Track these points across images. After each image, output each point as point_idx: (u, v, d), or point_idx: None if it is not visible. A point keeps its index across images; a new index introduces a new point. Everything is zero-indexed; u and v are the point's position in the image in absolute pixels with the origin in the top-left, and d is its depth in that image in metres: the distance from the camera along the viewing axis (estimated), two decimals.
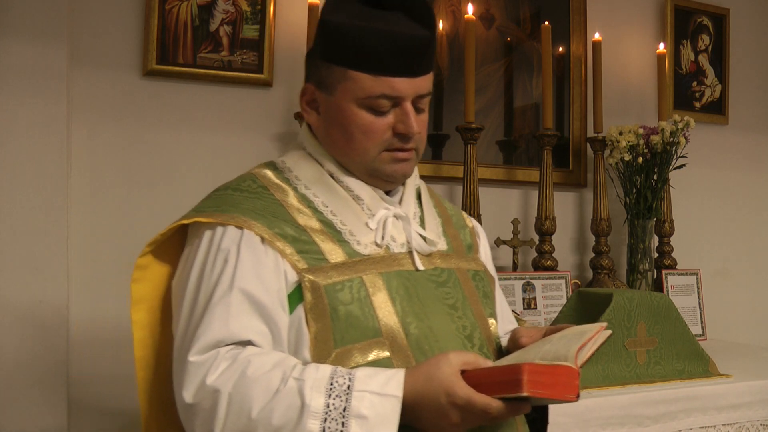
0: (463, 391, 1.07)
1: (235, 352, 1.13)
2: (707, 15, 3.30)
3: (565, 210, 2.97)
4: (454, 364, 1.09)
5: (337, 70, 1.25)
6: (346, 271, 1.22)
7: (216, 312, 1.15)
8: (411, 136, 1.27)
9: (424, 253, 1.32)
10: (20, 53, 2.02)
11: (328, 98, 1.28)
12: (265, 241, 1.20)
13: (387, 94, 1.23)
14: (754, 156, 3.45)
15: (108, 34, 2.25)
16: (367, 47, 1.21)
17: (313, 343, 1.17)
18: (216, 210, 1.24)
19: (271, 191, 1.28)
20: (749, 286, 3.38)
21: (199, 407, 1.11)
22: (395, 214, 1.31)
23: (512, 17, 2.88)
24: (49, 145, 2.05)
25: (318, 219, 1.26)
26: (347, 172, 1.31)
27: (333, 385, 1.08)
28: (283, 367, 1.10)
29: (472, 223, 1.53)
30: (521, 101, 2.90)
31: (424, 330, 1.23)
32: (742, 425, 2.11)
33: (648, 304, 2.14)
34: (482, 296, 1.38)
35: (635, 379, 2.07)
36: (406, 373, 1.10)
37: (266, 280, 1.18)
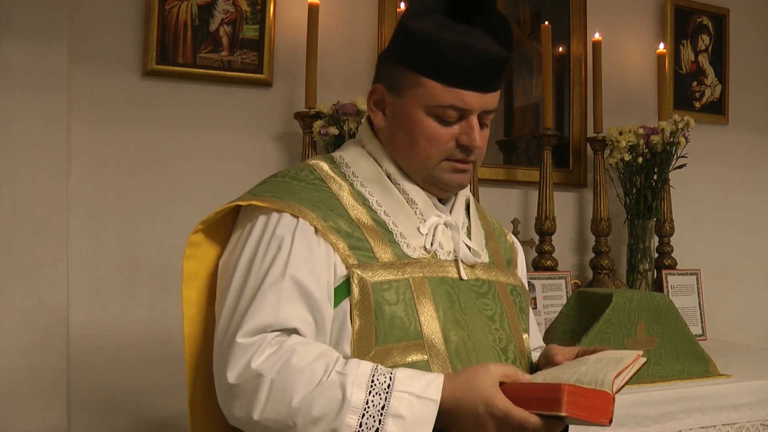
0: (503, 404, 1.08)
1: (281, 339, 1.15)
2: (707, 15, 3.30)
3: (565, 210, 2.97)
4: (494, 376, 1.11)
5: (410, 75, 1.27)
6: (394, 272, 1.23)
7: (267, 297, 1.17)
8: (473, 149, 1.28)
9: (468, 264, 1.34)
10: (20, 53, 2.02)
11: (396, 101, 1.30)
12: (318, 232, 1.22)
13: (456, 105, 1.25)
14: (754, 156, 3.45)
15: (108, 34, 2.25)
16: (445, 58, 1.23)
17: (355, 338, 1.19)
18: (273, 196, 1.25)
19: (327, 184, 1.30)
20: (749, 286, 3.39)
21: (241, 389, 1.12)
22: (446, 222, 1.33)
23: (512, 17, 2.88)
24: (49, 145, 2.05)
25: (371, 217, 1.28)
26: (405, 175, 1.33)
27: (374, 382, 1.09)
28: (327, 359, 1.12)
29: (511, 239, 1.55)
30: (521, 101, 2.90)
31: (463, 338, 1.24)
32: (742, 425, 2.11)
33: (648, 304, 2.14)
34: (518, 311, 1.40)
35: (635, 379, 2.07)
36: (445, 379, 1.12)
37: (317, 271, 1.19)
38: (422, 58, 1.25)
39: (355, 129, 2.29)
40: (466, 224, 1.40)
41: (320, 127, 2.32)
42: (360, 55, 2.62)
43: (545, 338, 2.26)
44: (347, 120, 2.29)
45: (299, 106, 2.44)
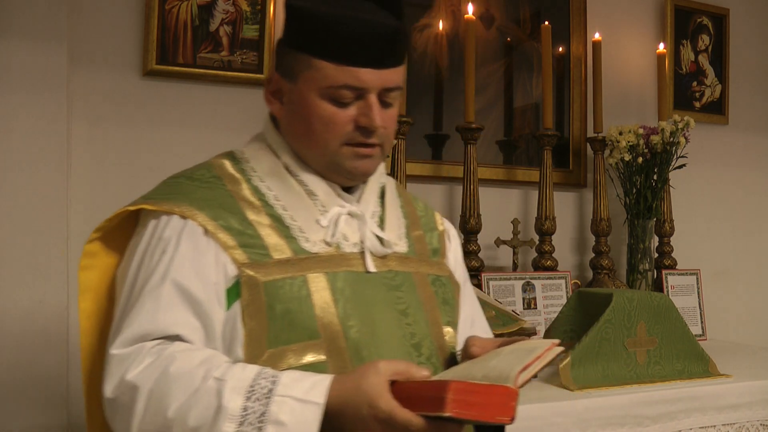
0: (387, 405, 1.01)
1: (161, 348, 1.09)
2: (707, 15, 3.30)
3: (565, 210, 2.97)
4: (382, 374, 1.04)
5: (301, 58, 1.20)
6: (289, 269, 1.17)
7: (145, 304, 1.11)
8: (373, 130, 1.20)
9: (378, 255, 1.26)
10: (20, 53, 2.02)
11: (292, 87, 1.23)
12: (208, 232, 1.16)
13: (350, 84, 1.18)
14: (754, 156, 3.45)
15: (108, 34, 2.25)
16: (332, 34, 1.16)
17: (246, 341, 1.13)
18: (163, 198, 1.21)
19: (224, 182, 1.24)
20: (749, 286, 3.38)
21: (118, 403, 1.08)
22: (350, 211, 1.25)
23: (512, 17, 2.88)
24: (49, 145, 2.05)
25: (268, 213, 1.21)
26: (305, 166, 1.26)
27: (254, 388, 1.03)
28: (208, 365, 1.06)
29: (443, 226, 1.46)
30: (521, 101, 2.90)
31: (366, 334, 1.17)
32: (742, 425, 2.11)
33: (648, 304, 2.14)
34: (441, 303, 1.32)
35: (635, 379, 2.07)
36: (333, 380, 1.05)
37: (203, 273, 1.14)
38: (310, 38, 1.18)
39: None
40: (378, 213, 1.32)
41: None
42: None
43: (545, 338, 2.26)
44: None
45: None
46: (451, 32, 2.75)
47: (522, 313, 2.50)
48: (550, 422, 1.83)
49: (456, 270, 1.43)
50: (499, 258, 2.79)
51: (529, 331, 2.13)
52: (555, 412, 1.84)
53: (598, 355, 2.05)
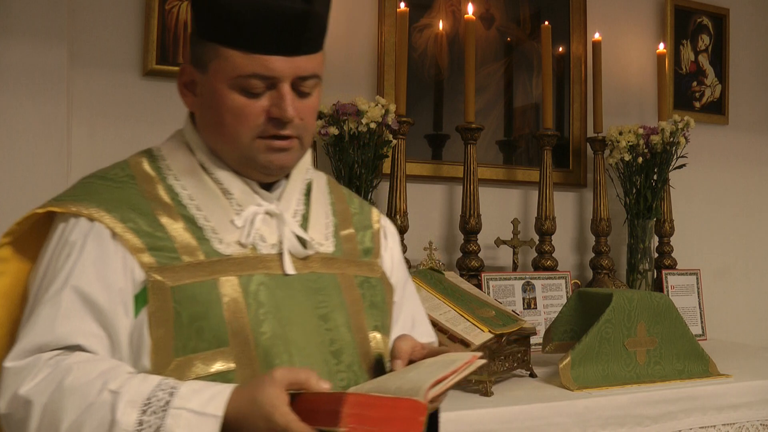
0: (284, 418, 0.96)
1: (59, 359, 1.03)
2: (707, 15, 3.30)
3: (565, 210, 2.97)
4: (278, 384, 0.98)
5: (209, 47, 1.14)
6: (199, 272, 1.10)
7: (43, 312, 1.05)
8: (286, 121, 1.13)
9: (299, 256, 1.19)
10: (20, 53, 2.02)
11: (202, 78, 1.16)
12: (116, 235, 1.10)
13: (259, 73, 1.11)
14: (754, 156, 3.45)
15: (108, 34, 2.25)
16: (237, 21, 1.10)
17: (153, 350, 1.06)
18: (73, 199, 1.14)
19: (137, 181, 1.17)
20: (749, 286, 3.39)
21: (12, 418, 1.02)
22: (267, 210, 1.18)
23: (512, 17, 2.88)
24: (49, 145, 2.05)
25: (181, 214, 1.15)
26: (220, 163, 1.19)
27: (151, 401, 0.98)
28: (106, 377, 1.00)
29: (380, 224, 1.37)
30: (521, 101, 2.90)
31: (278, 342, 1.11)
32: (742, 425, 2.11)
33: (648, 304, 2.14)
34: (368, 306, 1.24)
35: (635, 379, 2.07)
36: (233, 391, 1.00)
37: (108, 279, 1.08)
38: (216, 26, 1.12)
39: (355, 129, 2.29)
40: (301, 212, 1.25)
41: (320, 127, 2.32)
42: (360, 55, 2.62)
43: (545, 338, 2.26)
44: (347, 120, 2.29)
45: None
46: (451, 32, 2.75)
47: (522, 313, 2.50)
48: (550, 422, 1.83)
49: (393, 270, 1.36)
50: (499, 258, 2.79)
51: (529, 331, 2.13)
52: (555, 412, 1.84)
53: (598, 355, 2.05)
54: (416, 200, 2.62)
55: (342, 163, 2.33)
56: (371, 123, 2.28)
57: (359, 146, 2.32)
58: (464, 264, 2.57)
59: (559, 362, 2.02)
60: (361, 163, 2.33)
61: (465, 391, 1.92)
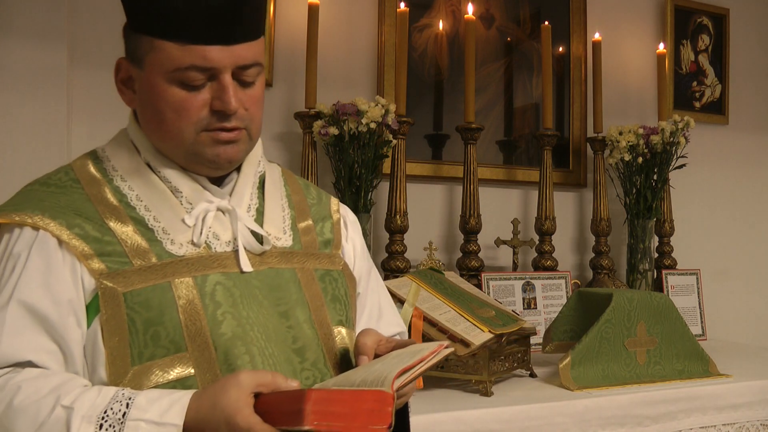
0: (246, 421, 0.92)
1: (7, 377, 0.98)
2: (707, 15, 3.30)
3: (565, 210, 2.97)
4: (243, 387, 0.95)
5: (143, 41, 1.08)
6: (151, 276, 1.06)
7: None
8: (230, 113, 1.09)
9: (255, 252, 1.15)
10: (20, 53, 2.02)
11: (139, 74, 1.11)
12: (62, 243, 1.05)
13: (197, 65, 1.06)
14: (754, 156, 3.45)
15: (108, 34, 2.24)
16: (171, 11, 1.05)
17: (108, 359, 1.02)
18: (16, 208, 1.08)
19: (81, 185, 1.13)
20: (749, 286, 3.39)
21: None
22: (219, 207, 1.14)
23: (512, 17, 2.88)
24: (49, 145, 2.05)
25: (129, 216, 1.10)
26: (167, 161, 1.15)
27: (107, 414, 0.94)
28: (58, 392, 0.96)
29: (339, 214, 1.33)
30: (521, 101, 2.90)
31: (238, 343, 1.07)
32: (742, 425, 2.11)
33: (648, 304, 2.14)
34: (330, 300, 1.21)
35: (635, 379, 2.07)
36: (192, 397, 0.96)
37: (56, 290, 1.03)
38: (149, 17, 1.07)
39: (355, 129, 2.29)
40: (256, 206, 1.21)
41: (320, 127, 2.32)
42: (360, 55, 2.62)
43: (545, 338, 2.26)
44: (347, 120, 2.29)
45: (299, 106, 2.44)
46: (451, 32, 2.75)
47: (522, 313, 2.50)
48: (550, 422, 1.83)
49: (355, 260, 1.33)
50: (499, 258, 2.79)
51: (529, 331, 2.13)
52: (555, 412, 1.84)
53: (598, 355, 2.05)
54: (416, 200, 2.62)
55: (342, 163, 2.33)
56: (371, 123, 2.28)
57: (359, 146, 2.32)
58: (464, 264, 2.57)
59: (559, 362, 2.02)
60: (361, 163, 2.33)
61: (465, 391, 1.93)
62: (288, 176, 1.33)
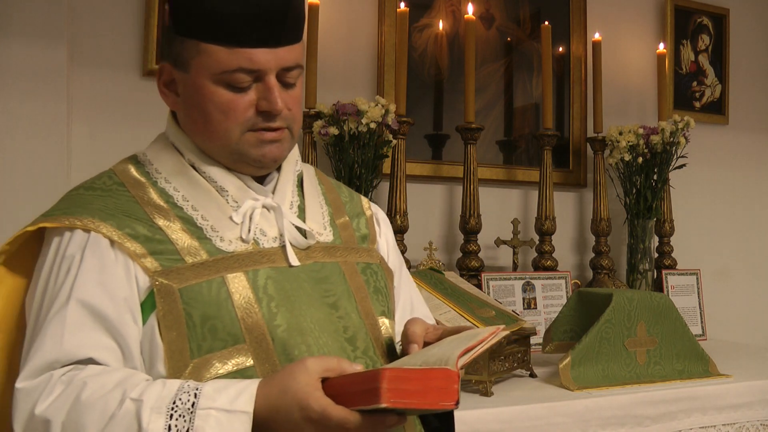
0: (318, 404, 0.94)
1: (71, 375, 1.00)
2: (707, 15, 3.30)
3: (565, 210, 2.97)
4: (312, 372, 0.96)
5: (190, 44, 1.12)
6: (204, 272, 1.09)
7: (50, 329, 1.03)
8: (275, 113, 1.13)
9: (300, 247, 1.18)
10: (20, 53, 2.02)
11: (185, 77, 1.15)
12: (114, 243, 1.08)
13: (244, 67, 1.11)
14: (754, 156, 3.45)
15: (108, 34, 2.25)
16: (219, 15, 1.09)
17: (167, 354, 1.05)
18: (64, 213, 1.12)
19: (127, 187, 1.16)
20: (749, 286, 3.38)
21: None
22: (264, 204, 1.18)
23: (512, 17, 2.88)
24: (49, 145, 2.05)
25: (177, 215, 1.13)
26: (211, 161, 1.18)
27: (176, 404, 0.95)
28: (124, 386, 0.98)
29: (371, 211, 1.38)
30: (521, 101, 2.90)
31: (294, 333, 1.10)
32: (742, 425, 2.11)
33: (648, 304, 2.14)
34: (373, 292, 1.24)
35: (635, 379, 2.07)
36: (259, 385, 0.98)
37: (111, 288, 1.06)
38: (197, 22, 1.10)
39: (355, 129, 2.29)
40: (297, 203, 1.25)
41: (320, 127, 2.33)
42: (360, 55, 2.62)
43: (545, 338, 2.26)
44: (347, 120, 2.29)
45: None
46: (451, 32, 2.75)
47: (522, 313, 2.50)
48: (550, 422, 1.83)
49: (389, 255, 1.37)
50: (499, 258, 2.79)
51: (529, 331, 2.13)
52: (555, 412, 1.84)
53: (598, 355, 2.05)
54: (416, 200, 2.62)
55: (342, 163, 2.33)
56: (371, 123, 2.28)
57: (359, 146, 2.32)
58: (464, 264, 2.57)
59: (559, 362, 2.02)
60: (361, 163, 2.33)
61: (465, 391, 1.92)
62: (320, 175, 1.37)
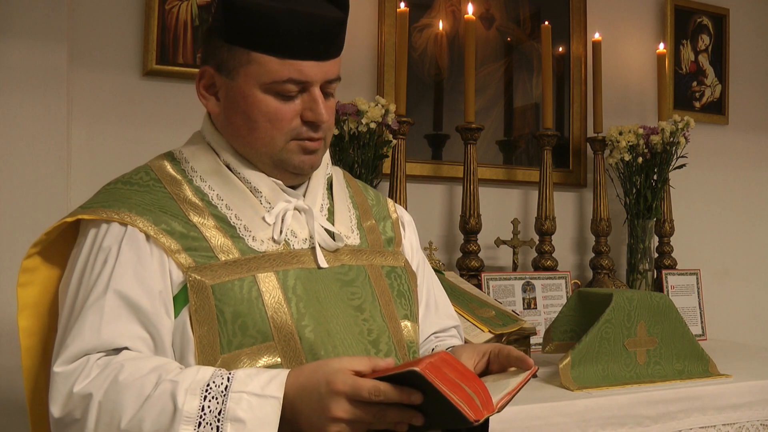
0: (348, 377, 0.97)
1: (108, 359, 1.05)
2: (707, 15, 3.30)
3: (565, 210, 2.97)
4: (344, 363, 1.00)
5: (240, 53, 1.16)
6: (237, 270, 1.12)
7: (88, 317, 1.06)
8: (320, 123, 1.18)
9: (329, 249, 1.22)
10: (20, 53, 2.02)
11: (229, 83, 1.19)
12: (150, 238, 1.12)
13: (294, 78, 1.15)
14: (754, 156, 3.45)
15: (108, 34, 2.25)
16: (276, 29, 1.13)
17: (198, 348, 1.08)
18: (101, 206, 1.15)
19: (163, 184, 1.19)
20: (749, 286, 3.38)
21: (69, 419, 1.02)
22: (296, 206, 1.21)
23: (512, 17, 2.88)
24: (49, 145, 2.05)
25: (211, 213, 1.17)
26: (247, 163, 1.22)
27: (210, 387, 0.99)
28: (160, 371, 1.02)
29: (396, 214, 1.42)
30: (521, 101, 2.90)
31: (321, 334, 1.13)
32: (742, 425, 2.11)
33: (648, 304, 2.14)
34: (396, 295, 1.27)
35: (635, 379, 2.07)
36: (290, 373, 1.02)
37: (147, 281, 1.09)
38: (251, 32, 1.14)
39: (355, 129, 2.29)
40: (327, 206, 1.28)
41: None
42: (360, 55, 2.62)
43: (545, 338, 2.26)
44: (347, 120, 2.29)
45: None
46: (451, 32, 2.75)
47: (522, 313, 2.50)
48: (550, 422, 1.83)
49: (413, 257, 1.40)
50: (499, 258, 2.79)
51: (529, 331, 2.13)
52: (555, 412, 1.84)
53: (598, 355, 2.05)
54: (416, 200, 2.62)
55: (342, 163, 2.33)
56: (371, 123, 2.28)
57: (359, 146, 2.32)
58: (464, 264, 2.57)
59: (559, 362, 2.02)
60: (361, 163, 2.33)
61: None
62: (348, 178, 1.41)
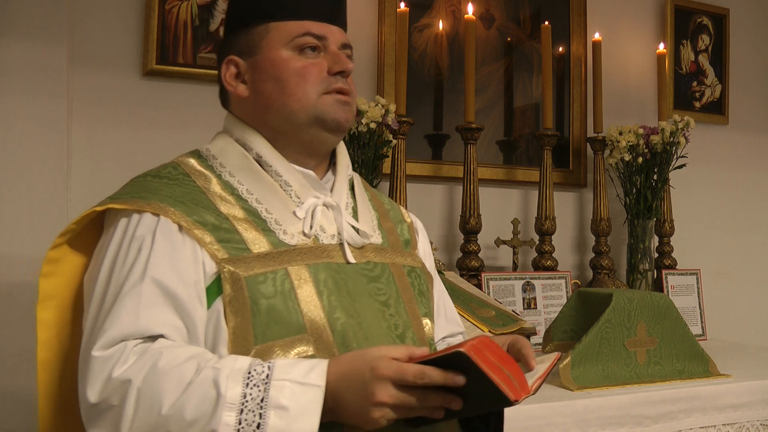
0: (391, 363, 0.98)
1: (145, 346, 1.05)
2: (707, 15, 3.30)
3: (565, 210, 2.97)
4: (383, 350, 1.02)
5: (257, 29, 1.25)
6: (269, 262, 1.14)
7: (125, 303, 1.07)
8: (347, 71, 1.25)
9: (356, 246, 1.24)
10: (20, 53, 2.02)
11: (253, 60, 1.25)
12: (183, 229, 1.13)
13: (312, 31, 1.24)
14: (754, 156, 3.45)
15: (108, 34, 2.25)
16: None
17: (231, 338, 1.09)
18: (132, 196, 1.17)
19: (192, 178, 1.21)
20: (749, 286, 3.38)
21: (106, 404, 1.01)
22: (325, 203, 1.23)
23: (512, 17, 2.88)
24: (49, 144, 2.05)
25: (242, 207, 1.18)
26: (277, 155, 1.24)
27: (251, 374, 0.99)
28: (198, 359, 1.03)
29: (410, 219, 1.46)
30: (521, 101, 2.90)
31: (353, 326, 1.14)
32: (742, 425, 2.11)
33: (648, 304, 2.14)
34: (417, 294, 1.30)
35: (635, 379, 2.07)
36: (330, 362, 1.03)
37: (182, 271, 1.10)
38: (263, 6, 1.25)
39: (355, 129, 2.29)
40: (351, 204, 1.31)
41: None
42: (360, 55, 2.61)
43: (545, 338, 2.26)
44: None
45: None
46: (451, 32, 2.75)
47: (522, 313, 2.50)
48: (550, 422, 1.83)
49: (426, 261, 1.43)
50: (499, 258, 2.79)
51: (529, 331, 2.13)
52: (555, 412, 1.84)
53: (598, 355, 2.05)
54: (416, 200, 2.62)
55: None
56: (371, 123, 2.28)
57: (359, 146, 2.32)
58: (464, 264, 2.57)
59: (559, 362, 2.02)
60: (361, 163, 2.33)
61: None
62: (365, 184, 1.44)
